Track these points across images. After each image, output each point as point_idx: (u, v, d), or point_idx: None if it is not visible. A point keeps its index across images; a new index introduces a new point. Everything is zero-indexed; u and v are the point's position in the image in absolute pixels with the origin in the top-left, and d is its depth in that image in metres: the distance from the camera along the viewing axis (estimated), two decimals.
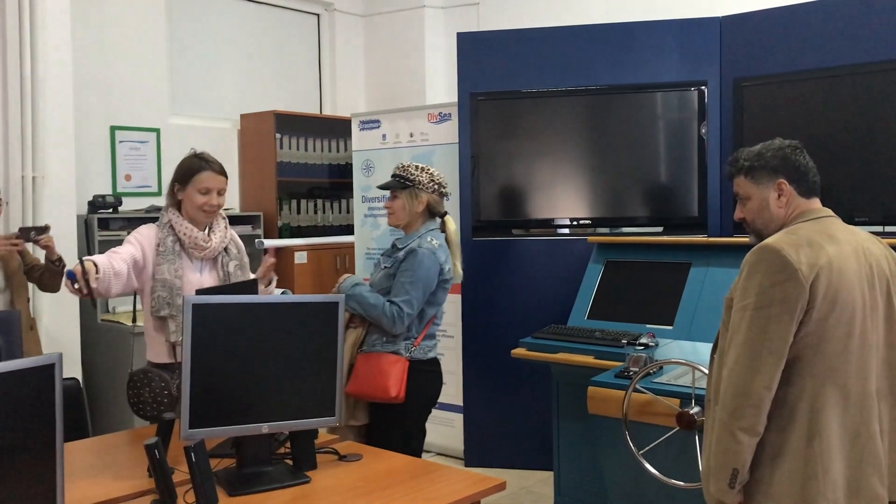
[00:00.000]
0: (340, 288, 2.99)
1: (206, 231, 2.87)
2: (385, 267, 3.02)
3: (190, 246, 2.81)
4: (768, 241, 1.96)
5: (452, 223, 3.13)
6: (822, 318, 1.88)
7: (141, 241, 2.80)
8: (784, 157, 2.10)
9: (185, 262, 2.82)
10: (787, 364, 1.89)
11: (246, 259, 3.01)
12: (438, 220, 3.13)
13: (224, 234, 2.92)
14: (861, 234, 2.07)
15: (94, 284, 2.46)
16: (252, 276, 2.99)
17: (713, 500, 1.95)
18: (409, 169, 3.05)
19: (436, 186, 3.06)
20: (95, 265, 2.52)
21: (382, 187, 3.12)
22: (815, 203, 2.10)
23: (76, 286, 2.44)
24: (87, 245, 4.49)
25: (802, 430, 1.88)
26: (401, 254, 2.98)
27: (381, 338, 2.96)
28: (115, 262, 2.64)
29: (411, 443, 3.01)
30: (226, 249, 2.92)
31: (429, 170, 3.07)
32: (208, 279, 2.86)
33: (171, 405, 2.69)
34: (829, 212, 2.08)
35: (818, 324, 1.88)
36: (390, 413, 2.97)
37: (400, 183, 3.05)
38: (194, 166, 2.81)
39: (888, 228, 3.70)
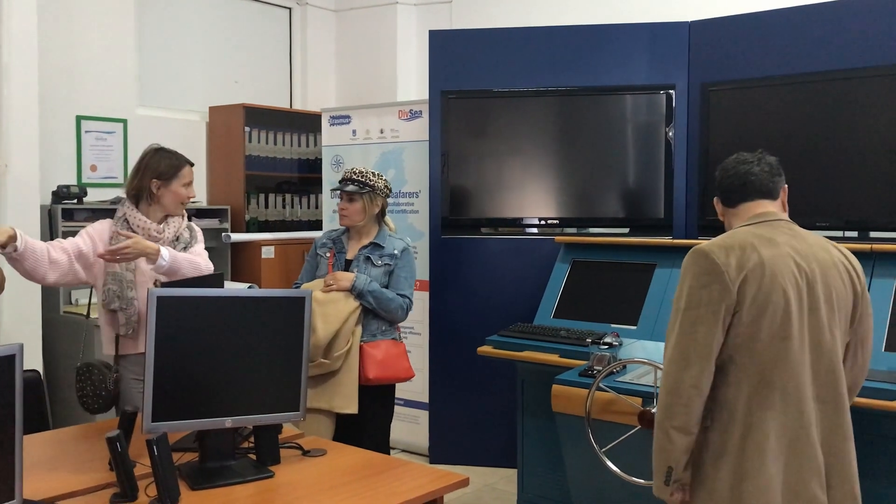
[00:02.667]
0: (356, 286, 3.19)
1: (161, 224, 2.91)
2: (386, 264, 3.28)
3: (144, 237, 2.84)
4: (702, 244, 2.00)
5: (392, 223, 3.46)
6: (753, 320, 1.90)
7: (93, 234, 2.85)
8: (717, 176, 2.19)
9: None
10: (723, 365, 1.93)
11: (193, 243, 2.97)
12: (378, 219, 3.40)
13: (179, 225, 2.95)
14: (811, 238, 2.06)
15: None
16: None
17: (657, 497, 1.99)
18: (368, 175, 3.31)
19: (388, 192, 3.37)
20: (16, 237, 2.53)
21: (346, 191, 3.29)
22: (760, 206, 2.09)
23: None
24: (51, 235, 4.43)
25: (740, 430, 1.91)
26: (396, 252, 3.29)
27: (381, 326, 3.28)
28: (53, 251, 2.68)
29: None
30: (178, 238, 2.94)
31: (382, 175, 3.36)
32: None
33: (109, 400, 2.71)
34: (778, 215, 2.07)
35: (749, 326, 1.90)
36: (386, 393, 3.32)
37: (361, 188, 3.27)
38: (175, 162, 2.90)
39: (848, 234, 3.78)
